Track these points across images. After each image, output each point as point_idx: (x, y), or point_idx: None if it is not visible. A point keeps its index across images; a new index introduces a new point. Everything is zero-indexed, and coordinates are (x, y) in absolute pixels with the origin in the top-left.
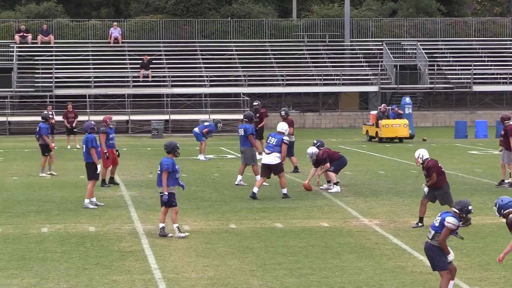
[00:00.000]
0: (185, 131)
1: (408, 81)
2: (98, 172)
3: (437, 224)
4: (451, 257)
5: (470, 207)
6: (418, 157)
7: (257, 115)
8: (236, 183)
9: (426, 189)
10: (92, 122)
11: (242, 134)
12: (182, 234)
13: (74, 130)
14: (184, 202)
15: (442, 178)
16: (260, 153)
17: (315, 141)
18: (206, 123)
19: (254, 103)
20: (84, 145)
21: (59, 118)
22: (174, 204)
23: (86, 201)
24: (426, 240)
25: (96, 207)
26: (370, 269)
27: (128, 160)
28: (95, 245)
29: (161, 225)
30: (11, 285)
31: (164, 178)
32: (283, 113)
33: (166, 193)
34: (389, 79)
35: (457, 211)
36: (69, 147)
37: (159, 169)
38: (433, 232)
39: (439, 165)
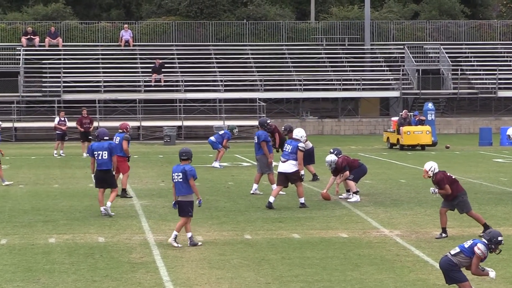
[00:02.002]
0: (199, 137)
1: (431, 86)
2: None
3: (466, 246)
4: (492, 274)
5: (500, 238)
6: (429, 170)
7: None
8: (251, 192)
9: (433, 189)
10: (106, 130)
11: (256, 141)
12: (175, 244)
13: (89, 137)
14: (197, 212)
15: (455, 186)
16: (270, 162)
17: (331, 150)
18: (221, 132)
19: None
20: (105, 152)
21: (72, 123)
22: (190, 214)
23: (108, 204)
24: (445, 254)
25: (108, 216)
26: (391, 282)
27: (139, 168)
28: (105, 256)
29: (188, 234)
30: None
31: (194, 185)
32: (282, 129)
33: (201, 199)
34: (411, 84)
35: (486, 241)
36: (85, 155)
37: (180, 176)
38: (458, 250)
39: (448, 174)
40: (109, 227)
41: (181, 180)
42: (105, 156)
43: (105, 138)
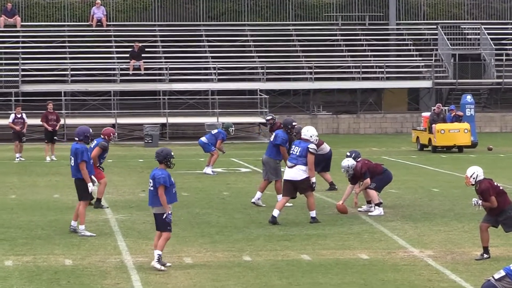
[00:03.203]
0: (187, 138)
1: (470, 75)
2: (90, 191)
3: None
4: None
5: None
6: (471, 176)
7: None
8: (252, 200)
9: (475, 201)
10: (89, 129)
11: (272, 140)
12: (159, 266)
13: (55, 138)
14: (186, 228)
15: (503, 199)
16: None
17: (348, 153)
18: (214, 131)
19: (267, 117)
20: (72, 157)
21: (33, 121)
22: (169, 228)
23: (81, 227)
24: (488, 278)
25: (94, 235)
26: None
27: (114, 175)
28: (73, 282)
29: (156, 252)
30: None
31: (163, 194)
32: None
33: (170, 212)
34: (445, 72)
35: None
36: (48, 159)
37: (151, 184)
38: (503, 273)
39: (495, 184)
40: (78, 247)
41: (152, 188)
42: (72, 162)
43: (75, 139)
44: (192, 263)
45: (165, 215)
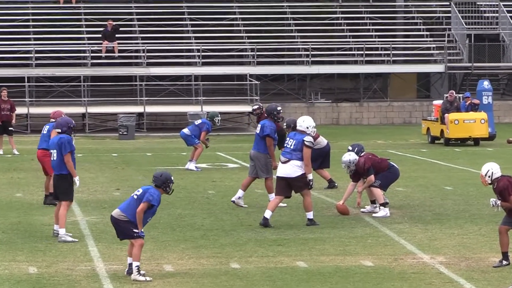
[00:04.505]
0: (167, 129)
1: (487, 58)
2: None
3: None
4: None
5: None
6: (486, 175)
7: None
8: (232, 199)
9: (493, 201)
10: (71, 120)
11: (258, 132)
12: (142, 278)
13: (10, 129)
14: (166, 231)
15: None
16: (274, 167)
17: (350, 147)
18: (198, 121)
19: (254, 107)
20: (55, 150)
21: None
22: (136, 235)
23: (61, 231)
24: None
25: (76, 240)
26: None
27: (85, 172)
28: None
29: (129, 260)
30: None
31: (142, 211)
32: (284, 124)
33: (142, 231)
34: (459, 54)
35: None
36: (1, 152)
37: (138, 192)
38: None
39: None
40: (44, 252)
41: (135, 197)
42: (55, 156)
43: (57, 130)
44: (173, 271)
45: (137, 232)
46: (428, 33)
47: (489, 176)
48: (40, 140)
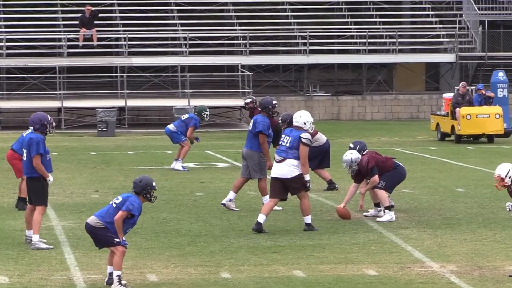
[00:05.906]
0: (151, 125)
1: (502, 47)
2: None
3: None
4: None
5: None
6: (506, 176)
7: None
8: (222, 202)
9: (510, 205)
10: (47, 115)
11: (251, 129)
12: None
13: None
14: (150, 237)
15: None
16: (269, 166)
17: (351, 144)
18: (184, 116)
19: (246, 100)
20: (25, 150)
21: None
22: (116, 241)
23: (35, 238)
24: None
25: (51, 247)
26: None
27: (60, 172)
28: None
29: (109, 269)
30: None
31: (121, 222)
32: (280, 119)
33: (125, 239)
34: (472, 43)
35: None
36: None
37: (117, 200)
38: None
39: None
40: (16, 261)
41: (114, 205)
42: (25, 156)
43: (29, 128)
44: (157, 281)
45: (117, 240)
46: (437, 19)
47: (509, 177)
48: (17, 139)
